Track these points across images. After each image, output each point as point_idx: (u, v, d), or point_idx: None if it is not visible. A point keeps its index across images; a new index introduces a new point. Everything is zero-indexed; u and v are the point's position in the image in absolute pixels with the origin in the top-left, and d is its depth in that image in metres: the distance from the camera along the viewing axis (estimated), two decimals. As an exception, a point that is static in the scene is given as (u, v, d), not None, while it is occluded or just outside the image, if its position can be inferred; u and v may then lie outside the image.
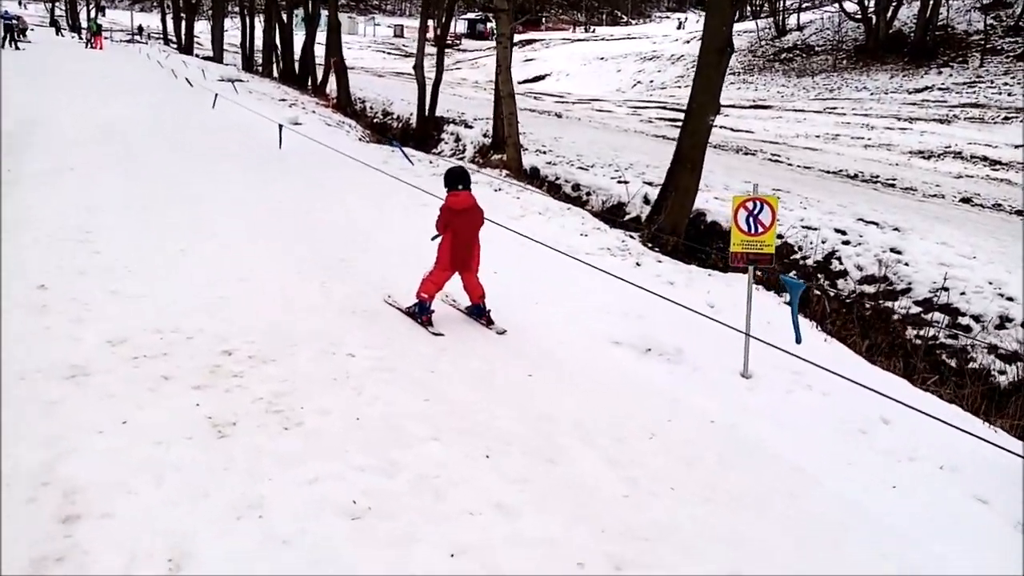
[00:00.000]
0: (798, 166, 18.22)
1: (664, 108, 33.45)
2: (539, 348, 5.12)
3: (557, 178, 15.24)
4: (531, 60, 58.56)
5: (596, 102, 36.81)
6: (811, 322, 7.15)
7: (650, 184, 13.60)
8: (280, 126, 13.51)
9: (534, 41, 72.48)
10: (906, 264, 10.00)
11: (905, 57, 36.82)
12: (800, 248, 11.08)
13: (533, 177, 15.10)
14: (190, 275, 5.59)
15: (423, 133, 22.27)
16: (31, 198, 7.52)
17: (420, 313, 5.42)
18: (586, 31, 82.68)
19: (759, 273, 7.87)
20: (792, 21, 47.61)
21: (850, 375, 4.26)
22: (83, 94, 17.87)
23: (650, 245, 9.44)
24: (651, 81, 46.83)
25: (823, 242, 10.94)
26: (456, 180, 5.59)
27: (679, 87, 43.32)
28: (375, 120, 26.73)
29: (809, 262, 10.88)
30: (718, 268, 9.91)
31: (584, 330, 5.61)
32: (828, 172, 17.64)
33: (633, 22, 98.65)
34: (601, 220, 10.36)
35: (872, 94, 32.95)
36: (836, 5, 42.56)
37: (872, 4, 39.21)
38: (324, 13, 32.34)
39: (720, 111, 9.91)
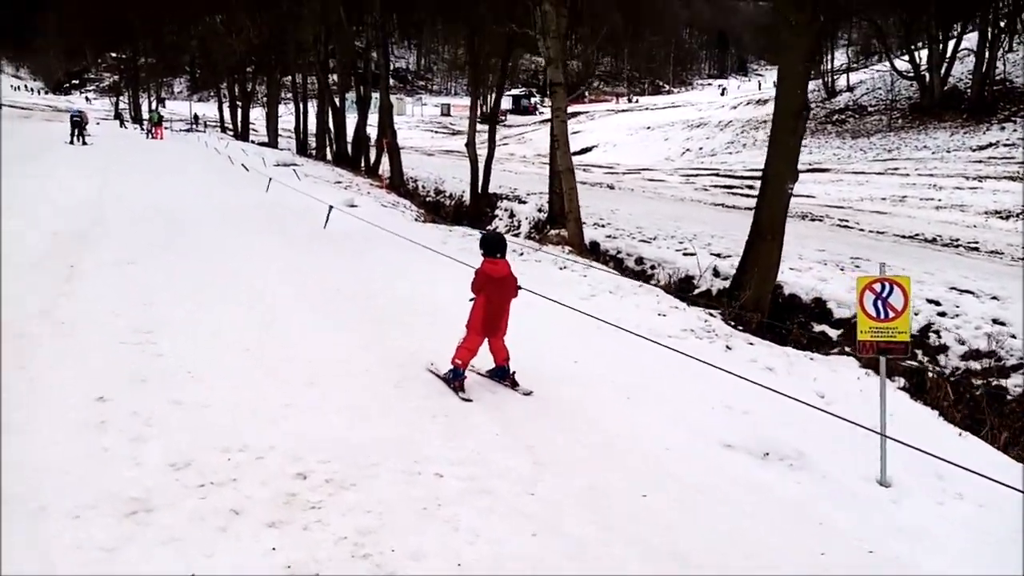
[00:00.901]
0: (869, 231, 17.47)
1: (717, 175, 33.04)
2: (645, 456, 4.51)
3: (619, 252, 14.74)
4: (577, 132, 59.02)
5: (646, 171, 36.61)
6: (934, 411, 6.39)
7: (718, 256, 13.03)
8: (330, 207, 13.44)
9: (578, 113, 73.30)
10: (1013, 336, 9.15)
11: (963, 114, 35.94)
12: None
13: (594, 252, 14.64)
14: (255, 379, 5.14)
15: (477, 210, 22.13)
16: (92, 294, 7.27)
17: (454, 379, 5.50)
18: (629, 101, 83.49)
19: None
20: (841, 82, 47.15)
21: (1001, 478, 3.59)
22: (144, 182, 18.17)
23: (733, 324, 8.80)
24: (700, 148, 46.61)
25: (916, 314, 10.13)
26: (494, 248, 5.68)
27: (729, 153, 43.02)
28: (427, 199, 26.79)
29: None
30: (802, 345, 9.22)
31: (690, 432, 4.99)
32: (903, 237, 16.84)
33: (675, 90, 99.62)
34: (675, 297, 9.77)
35: (933, 153, 32.07)
36: (887, 64, 42.05)
37: (925, 62, 38.61)
38: (375, 95, 33.14)
39: (798, 178, 9.35)
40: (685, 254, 13.70)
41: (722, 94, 75.49)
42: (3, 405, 4.41)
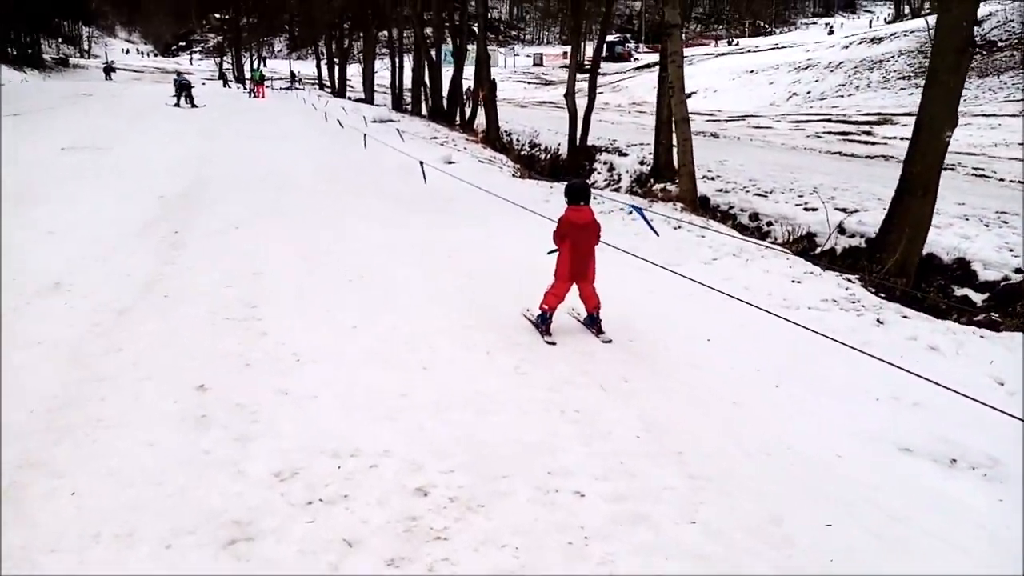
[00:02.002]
0: (1011, 181, 15.76)
1: (830, 120, 30.90)
2: (813, 464, 3.85)
3: (731, 207, 13.77)
4: (675, 79, 56.68)
5: (751, 118, 34.68)
6: None
7: (843, 211, 11.94)
8: (421, 163, 13.02)
9: (676, 59, 70.46)
10: None
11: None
12: None
13: (704, 207, 13.72)
14: (366, 364, 4.74)
15: (575, 164, 21.30)
16: (197, 263, 7.06)
17: (542, 323, 5.70)
18: (729, 44, 79.60)
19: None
20: (968, 17, 43.16)
21: None
22: (248, 142, 18.25)
23: (876, 292, 7.89)
24: (808, 92, 43.88)
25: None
26: (578, 195, 5.81)
27: (841, 96, 40.32)
28: (522, 152, 26.11)
29: (1068, 299, 8.85)
30: (941, 312, 8.22)
31: (858, 431, 4.29)
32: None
33: (777, 31, 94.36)
34: (810, 261, 8.87)
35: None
36: (1022, -5, 38.24)
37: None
38: (470, 47, 32.45)
39: (958, 124, 8.24)
40: (806, 209, 12.64)
41: (830, 33, 70.97)
42: (100, 393, 4.16)
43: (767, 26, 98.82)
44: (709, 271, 8.30)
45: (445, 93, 32.17)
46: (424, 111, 34.26)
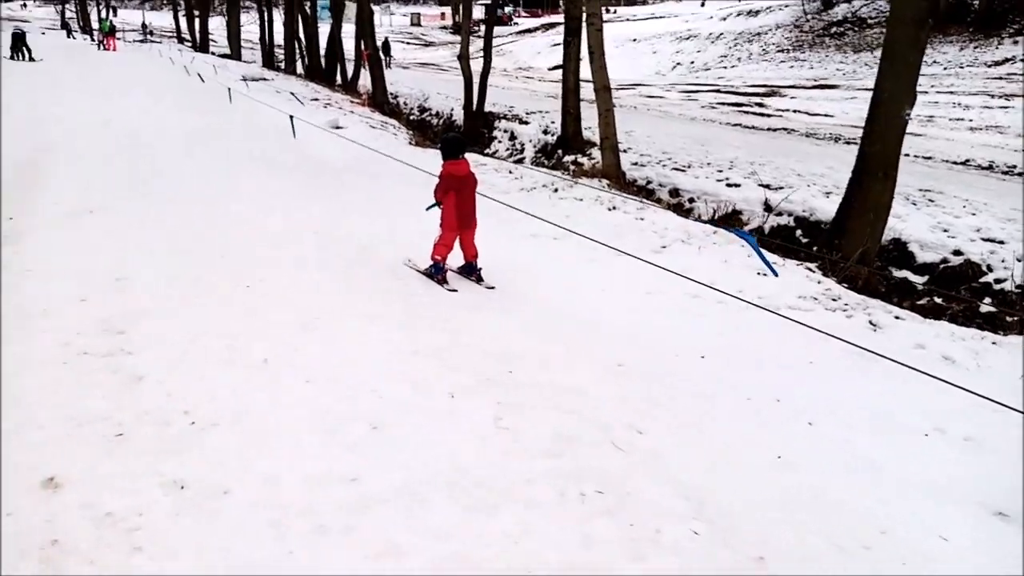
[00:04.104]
0: (915, 156, 15.83)
1: (719, 91, 30.91)
2: (860, 518, 2.97)
3: (649, 182, 13.01)
4: (558, 45, 55.83)
5: (639, 87, 34.38)
6: None
7: (767, 187, 11.41)
8: (288, 120, 11.44)
9: (556, 24, 69.62)
10: None
11: (970, 27, 34.00)
12: (990, 268, 8.73)
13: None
14: (291, 424, 3.38)
15: (472, 131, 20.02)
16: (41, 265, 5.36)
17: (436, 273, 5.91)
18: (607, 12, 79.50)
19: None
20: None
21: None
22: (101, 103, 15.76)
23: (846, 285, 7.22)
24: (692, 62, 44.17)
25: (1020, 260, 8.65)
26: (457, 149, 5.94)
27: (724, 68, 40.72)
28: (411, 117, 24.54)
29: (1007, 286, 8.56)
30: (880, 295, 7.72)
31: (904, 476, 3.44)
32: (955, 163, 15.26)
33: (650, 1, 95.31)
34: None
35: (945, 69, 30.25)
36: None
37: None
38: (348, 2, 30.13)
39: (916, 101, 7.63)
40: (729, 184, 12.07)
41: (702, 5, 72.41)
42: None
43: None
44: (662, 260, 7.37)
45: (323, 51, 29.83)
46: (299, 69, 31.74)
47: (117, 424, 3.20)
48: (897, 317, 5.95)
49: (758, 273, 7.04)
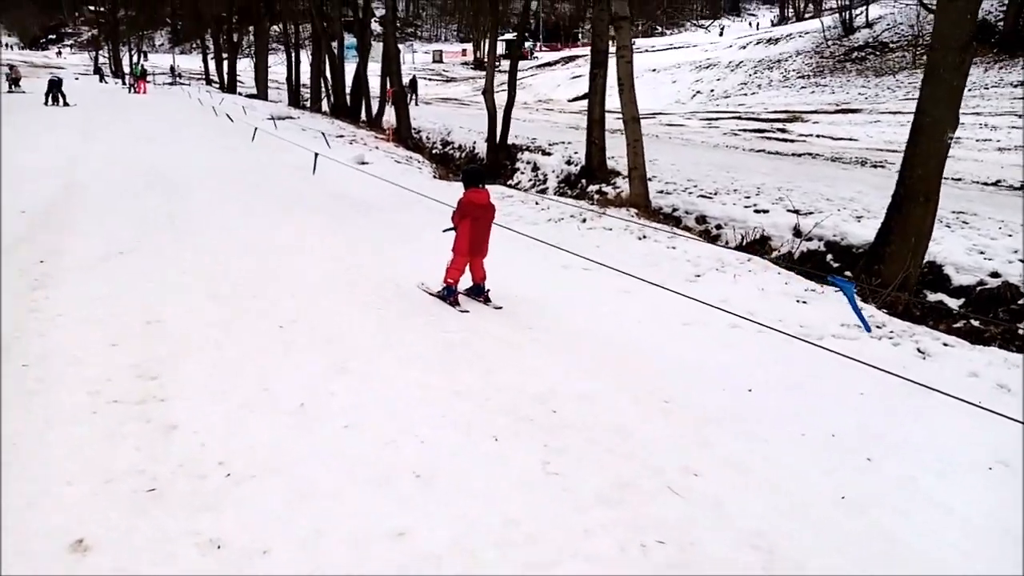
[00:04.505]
0: (945, 177, 15.55)
1: (740, 118, 30.84)
2: None
3: (675, 209, 12.87)
4: (577, 77, 56.35)
5: (660, 115, 34.35)
6: None
7: (796, 212, 11.20)
8: (314, 156, 11.41)
9: (576, 57, 70.30)
10: None
11: (995, 48, 33.69)
12: None
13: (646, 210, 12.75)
14: (328, 475, 3.20)
15: (495, 163, 20.03)
16: (72, 311, 5.28)
17: (448, 295, 6.17)
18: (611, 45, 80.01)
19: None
20: (859, 18, 44.53)
21: None
22: (131, 145, 15.96)
23: (886, 311, 6.98)
24: (712, 91, 44.19)
25: None
26: (476, 179, 6.28)
27: (744, 95, 40.68)
28: (434, 151, 24.67)
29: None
30: (915, 318, 7.45)
31: (976, 522, 3.21)
32: (985, 184, 14.96)
33: (668, 32, 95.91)
34: (797, 273, 7.90)
35: (970, 90, 29.91)
36: (910, -3, 39.58)
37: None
38: (373, 43, 30.54)
39: (959, 124, 7.44)
40: (756, 211, 11.87)
41: (720, 35, 72.94)
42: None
43: (659, 27, 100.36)
44: (697, 290, 7.18)
45: (348, 89, 30.21)
46: (325, 107, 32.16)
47: (150, 479, 3.07)
48: (945, 344, 5.70)
49: (797, 301, 6.84)
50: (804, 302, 6.80)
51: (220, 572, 2.52)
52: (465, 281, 6.30)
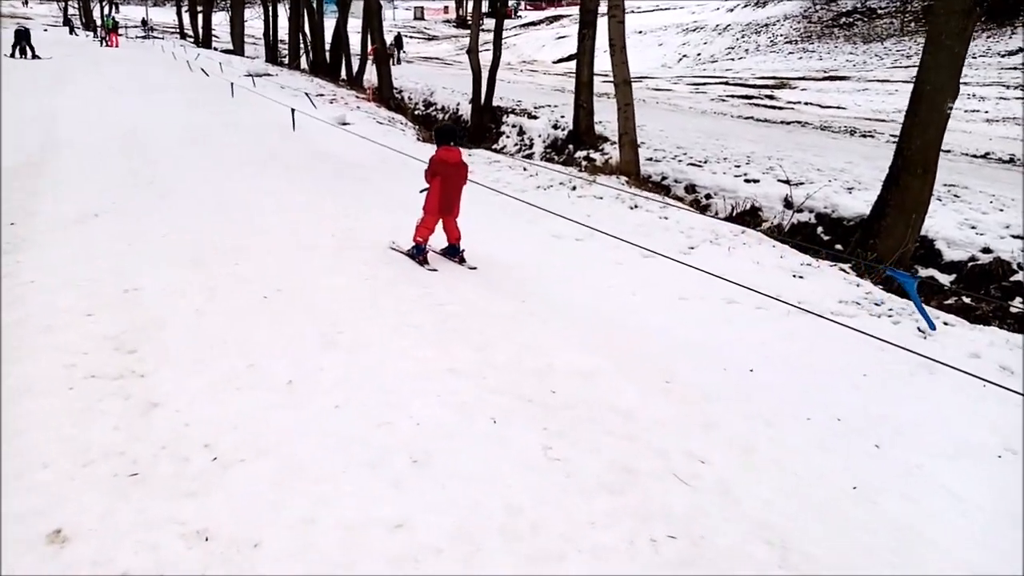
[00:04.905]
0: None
1: (727, 84, 30.49)
2: None
3: (664, 177, 12.69)
4: (563, 38, 55.54)
5: (646, 79, 33.89)
6: None
7: (786, 183, 11.06)
8: (291, 116, 11.12)
9: (561, 17, 69.24)
10: None
11: (983, 17, 33.50)
12: (1020, 267, 8.37)
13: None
14: (319, 456, 3.03)
15: (480, 126, 19.68)
16: (43, 277, 5.04)
17: (417, 254, 6.18)
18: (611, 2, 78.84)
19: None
20: (847, -18, 44.00)
21: None
22: (107, 99, 15.44)
23: (873, 282, 6.89)
24: (698, 55, 43.69)
25: (1056, 258, 8.30)
26: (448, 136, 6.23)
27: (731, 60, 40.22)
28: (416, 112, 24.21)
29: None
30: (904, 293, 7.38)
31: (991, 512, 3.13)
32: (974, 156, 14.90)
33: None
34: (790, 246, 7.78)
35: (958, 59, 29.81)
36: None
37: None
38: (353, -3, 29.75)
39: (959, 93, 7.30)
40: (747, 180, 11.72)
41: (708, -4, 72.05)
42: None
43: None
44: (690, 262, 7.06)
45: (327, 46, 29.46)
46: (304, 64, 31.39)
47: (131, 461, 2.89)
48: (946, 323, 5.62)
49: (793, 275, 6.72)
50: (800, 277, 6.69)
51: (208, 567, 2.36)
52: (442, 241, 6.34)
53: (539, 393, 3.76)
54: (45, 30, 42.15)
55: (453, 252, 6.33)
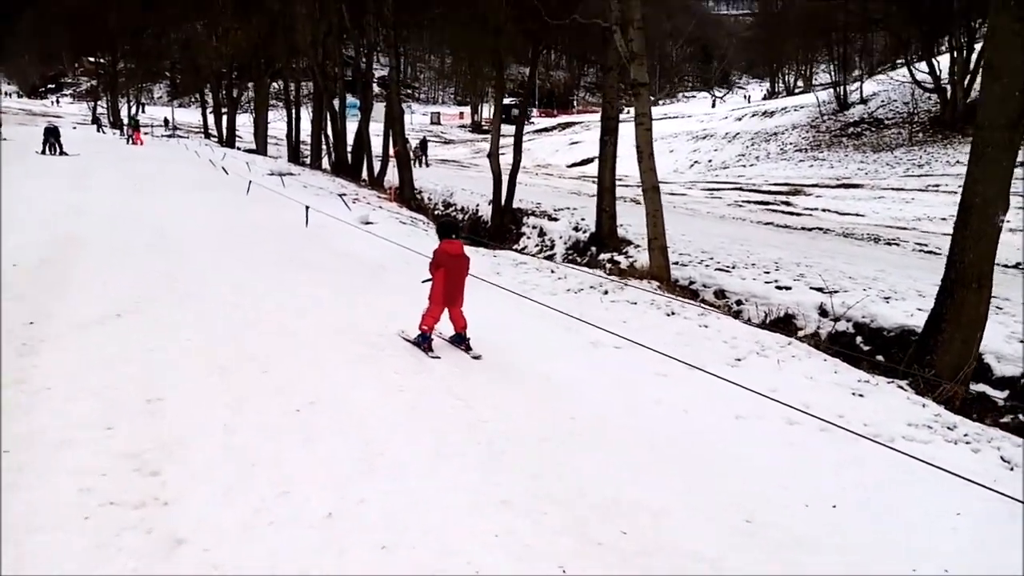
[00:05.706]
0: (962, 259, 15.25)
1: (741, 190, 30.86)
2: None
3: (692, 282, 12.43)
4: (576, 143, 57.00)
5: (660, 184, 34.33)
6: None
7: (820, 290, 10.77)
8: (308, 219, 10.97)
9: (572, 124, 71.35)
10: None
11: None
12: None
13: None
14: None
15: (500, 227, 19.74)
16: (60, 383, 4.69)
17: (423, 342, 6.33)
18: (623, 112, 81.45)
19: None
20: (853, 94, 45.26)
21: None
22: (133, 197, 15.51)
23: (935, 401, 6.47)
24: (709, 161, 44.56)
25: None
26: (449, 230, 6.62)
27: (743, 166, 40.94)
28: (436, 212, 24.44)
29: None
30: (955, 408, 6.93)
31: None
32: (1008, 267, 14.66)
33: (663, 102, 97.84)
34: (840, 359, 7.40)
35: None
36: (902, 75, 40.30)
37: (945, 73, 36.69)
38: (375, 103, 30.56)
39: (1009, 207, 7.08)
40: (779, 287, 11.43)
41: (713, 106, 74.59)
42: None
43: (654, 97, 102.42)
44: (741, 377, 6.66)
45: (349, 147, 30.11)
46: (326, 164, 32.00)
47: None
48: (1033, 450, 5.18)
49: (852, 393, 6.32)
50: (860, 395, 6.28)
51: None
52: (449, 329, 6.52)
53: (608, 535, 3.32)
54: (74, 128, 43.48)
55: (459, 340, 6.51)
